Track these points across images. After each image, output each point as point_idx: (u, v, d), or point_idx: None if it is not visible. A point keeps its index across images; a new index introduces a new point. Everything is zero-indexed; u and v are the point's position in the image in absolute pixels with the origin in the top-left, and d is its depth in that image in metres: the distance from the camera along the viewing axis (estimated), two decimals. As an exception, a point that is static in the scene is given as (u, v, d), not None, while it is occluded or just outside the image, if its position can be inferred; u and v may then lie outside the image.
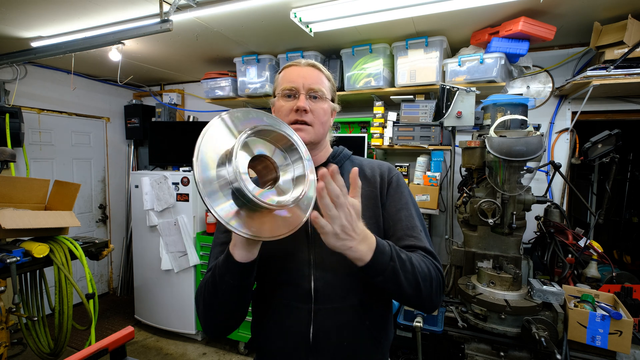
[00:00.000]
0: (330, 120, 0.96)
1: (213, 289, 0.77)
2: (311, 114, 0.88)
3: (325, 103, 0.91)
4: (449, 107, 2.02)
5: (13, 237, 1.94)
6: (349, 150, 1.04)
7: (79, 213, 3.65)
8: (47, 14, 2.09)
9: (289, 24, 2.08)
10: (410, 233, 0.87)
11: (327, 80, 0.93)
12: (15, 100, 3.05)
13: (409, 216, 0.90)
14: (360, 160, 1.02)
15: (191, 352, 2.93)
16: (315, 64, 0.93)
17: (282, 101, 0.90)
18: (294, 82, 0.88)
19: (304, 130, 0.88)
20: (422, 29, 2.21)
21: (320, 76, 0.91)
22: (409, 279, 0.74)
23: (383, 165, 0.98)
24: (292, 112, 0.88)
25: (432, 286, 0.78)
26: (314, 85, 0.88)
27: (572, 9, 1.88)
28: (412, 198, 0.95)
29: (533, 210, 1.84)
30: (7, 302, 1.99)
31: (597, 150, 1.90)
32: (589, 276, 1.76)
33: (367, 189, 0.92)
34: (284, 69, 0.93)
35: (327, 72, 0.95)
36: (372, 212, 0.90)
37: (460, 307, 1.68)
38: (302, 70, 0.90)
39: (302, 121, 0.87)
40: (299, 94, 0.88)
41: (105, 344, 0.91)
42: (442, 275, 0.84)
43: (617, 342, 1.39)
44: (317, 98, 0.89)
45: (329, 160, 0.97)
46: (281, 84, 0.91)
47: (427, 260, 0.82)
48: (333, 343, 0.85)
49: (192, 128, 3.41)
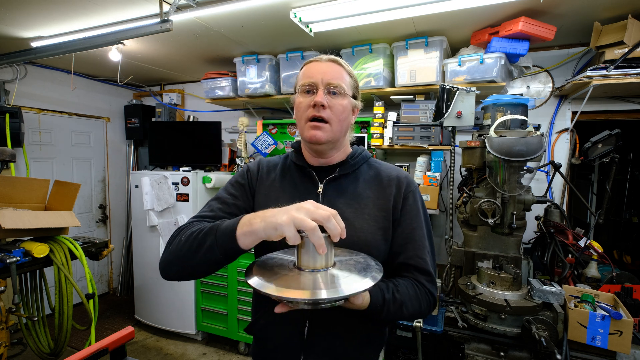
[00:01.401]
0: (350, 118, 0.93)
1: (196, 247, 0.76)
2: (329, 110, 0.85)
3: (344, 99, 0.88)
4: (449, 107, 2.02)
5: (13, 237, 1.94)
6: (368, 152, 1.01)
7: (79, 213, 3.65)
8: (47, 14, 2.09)
9: (289, 24, 2.08)
10: (420, 254, 0.88)
11: (348, 75, 0.90)
12: (15, 100, 3.05)
13: (421, 236, 0.90)
14: (379, 164, 0.99)
15: (191, 352, 2.93)
16: (337, 59, 0.90)
17: (301, 97, 0.88)
18: (312, 77, 0.86)
19: (321, 129, 0.85)
20: (422, 29, 2.21)
21: (340, 71, 0.88)
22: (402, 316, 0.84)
23: (401, 175, 0.94)
24: (310, 107, 0.86)
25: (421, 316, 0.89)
26: (333, 80, 0.86)
27: (572, 9, 1.88)
28: (425, 214, 0.94)
29: (533, 210, 1.84)
30: (7, 302, 1.99)
31: (597, 150, 1.90)
32: (589, 276, 1.76)
33: (380, 200, 0.90)
34: (305, 65, 0.91)
35: (349, 67, 0.92)
36: (382, 225, 0.89)
37: (460, 307, 1.68)
38: (322, 65, 0.88)
39: (320, 117, 0.85)
40: (317, 89, 0.85)
41: (105, 344, 0.91)
42: (434, 301, 0.90)
43: (617, 342, 1.39)
44: (336, 94, 0.86)
45: (347, 160, 0.95)
46: (301, 79, 0.89)
47: (422, 293, 0.86)
48: (326, 342, 0.86)
49: (192, 128, 3.41)
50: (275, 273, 0.70)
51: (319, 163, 0.95)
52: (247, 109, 3.44)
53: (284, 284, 0.65)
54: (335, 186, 0.92)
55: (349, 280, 0.67)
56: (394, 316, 0.82)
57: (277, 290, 0.62)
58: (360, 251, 0.83)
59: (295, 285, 0.64)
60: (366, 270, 0.71)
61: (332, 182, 0.92)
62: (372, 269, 0.71)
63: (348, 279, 0.67)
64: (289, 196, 0.90)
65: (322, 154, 0.93)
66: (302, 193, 0.91)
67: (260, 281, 0.66)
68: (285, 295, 0.61)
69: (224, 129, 3.56)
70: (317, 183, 0.92)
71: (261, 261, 0.77)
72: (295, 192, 0.92)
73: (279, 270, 0.72)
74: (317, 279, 0.67)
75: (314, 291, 0.62)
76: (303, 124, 0.88)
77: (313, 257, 0.69)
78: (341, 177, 0.93)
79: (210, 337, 3.15)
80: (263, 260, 0.78)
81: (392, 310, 0.80)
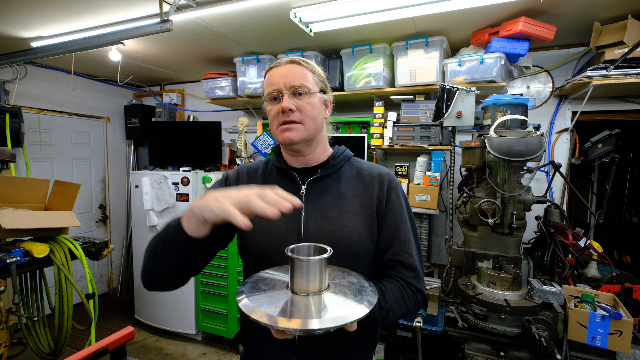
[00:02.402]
0: (323, 112, 0.92)
1: (161, 247, 0.78)
2: (298, 112, 0.86)
3: (312, 97, 0.88)
4: (449, 107, 2.02)
5: (13, 237, 1.94)
6: (350, 152, 1.01)
7: (79, 213, 3.65)
8: (47, 14, 2.09)
9: (289, 24, 2.08)
10: (405, 249, 0.89)
11: (311, 73, 0.89)
12: (15, 100, 3.05)
13: (406, 231, 0.91)
14: (360, 163, 0.99)
15: (191, 352, 2.93)
16: (296, 59, 0.89)
17: (269, 105, 0.89)
18: (275, 84, 0.86)
19: (294, 129, 0.86)
20: (422, 29, 2.21)
21: (302, 71, 0.88)
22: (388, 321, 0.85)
23: (382, 172, 0.95)
24: (279, 114, 0.86)
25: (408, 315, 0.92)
26: (296, 82, 0.85)
27: (572, 9, 1.88)
28: (409, 210, 0.95)
29: (533, 210, 1.84)
30: (7, 302, 2.00)
31: (597, 150, 1.90)
32: (589, 276, 1.76)
33: (364, 198, 0.91)
34: (267, 72, 0.91)
35: (311, 64, 0.91)
36: (367, 222, 0.89)
37: (460, 307, 1.68)
38: (282, 69, 0.87)
39: (290, 121, 0.85)
40: (282, 94, 0.86)
41: (105, 344, 0.91)
42: (423, 299, 0.91)
43: (617, 342, 1.39)
44: (302, 94, 0.86)
45: (329, 161, 0.95)
46: (265, 87, 0.89)
47: (408, 294, 0.87)
48: (317, 343, 0.86)
49: (192, 128, 3.41)
50: (267, 296, 0.68)
51: (300, 164, 0.95)
52: (247, 109, 3.44)
53: (277, 309, 0.63)
54: (318, 187, 0.92)
55: (344, 306, 0.65)
56: (381, 322, 0.84)
57: (269, 319, 0.60)
58: (346, 250, 0.84)
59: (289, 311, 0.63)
60: (361, 293, 0.69)
61: (314, 182, 0.92)
62: (366, 291, 0.70)
63: (343, 305, 0.65)
64: None
65: (300, 152, 0.93)
66: None
67: (251, 305, 0.64)
68: (279, 325, 0.59)
69: (224, 129, 3.56)
70: (299, 184, 0.92)
71: (252, 281, 0.75)
72: None
73: (272, 293, 0.69)
74: (310, 305, 0.64)
75: (307, 320, 0.60)
76: (275, 129, 0.89)
77: (306, 280, 0.67)
78: (323, 178, 0.93)
79: (210, 337, 3.15)
80: (255, 281, 0.75)
81: (378, 319, 0.82)
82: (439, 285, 1.80)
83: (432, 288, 1.77)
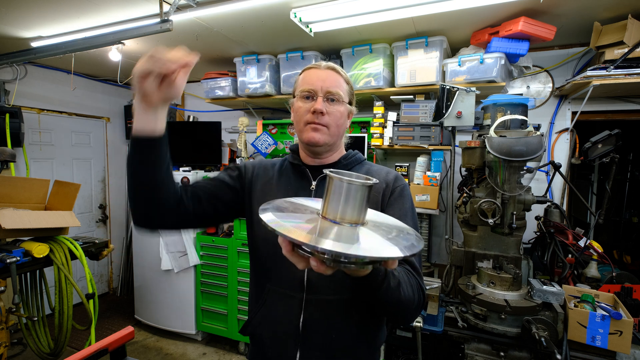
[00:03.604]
0: (346, 122, 0.97)
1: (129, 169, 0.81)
2: (327, 116, 0.90)
3: (342, 106, 0.93)
4: (449, 107, 2.02)
5: (13, 237, 1.94)
6: (362, 155, 1.05)
7: (79, 213, 3.65)
8: (47, 14, 2.09)
9: (289, 24, 2.08)
10: None
11: (345, 83, 0.95)
12: (15, 100, 3.05)
13: None
14: (370, 165, 1.03)
15: (191, 352, 2.93)
16: (335, 67, 0.94)
17: (300, 102, 0.93)
18: (312, 85, 0.91)
19: (320, 131, 0.90)
20: (422, 29, 2.21)
21: (338, 79, 0.93)
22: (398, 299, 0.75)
23: (390, 173, 0.98)
24: (309, 113, 0.90)
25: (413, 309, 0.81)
26: (332, 88, 0.90)
27: (572, 9, 1.88)
28: (412, 209, 0.94)
29: (533, 210, 1.84)
30: (7, 302, 2.00)
31: (597, 150, 1.90)
32: (589, 276, 1.76)
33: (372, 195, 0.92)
34: (304, 71, 0.96)
35: (346, 75, 0.97)
36: None
37: (460, 307, 1.68)
38: (321, 73, 0.92)
39: (319, 123, 0.90)
40: (317, 97, 0.90)
41: (105, 344, 0.91)
42: (424, 296, 0.87)
43: (617, 342, 1.39)
44: (334, 101, 0.91)
45: (340, 161, 0.99)
46: (300, 85, 0.94)
47: (414, 282, 0.82)
48: (321, 334, 0.87)
49: (192, 128, 3.40)
50: (296, 217, 0.61)
51: (314, 162, 0.99)
52: (247, 109, 3.44)
53: (298, 226, 0.56)
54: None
55: (380, 245, 0.55)
56: (392, 295, 0.75)
57: (286, 230, 0.52)
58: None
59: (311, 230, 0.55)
60: (403, 237, 0.59)
61: (324, 179, 0.95)
62: (411, 237, 0.60)
63: (375, 241, 0.56)
64: (283, 191, 0.95)
65: (319, 155, 0.97)
66: (296, 189, 0.95)
67: (278, 221, 0.56)
68: (293, 236, 0.51)
69: (224, 129, 3.56)
70: (310, 180, 0.96)
71: (276, 205, 0.66)
72: (289, 188, 0.96)
73: (301, 215, 0.62)
74: (342, 233, 0.55)
75: (326, 240, 0.51)
76: (302, 126, 0.93)
77: (344, 207, 0.57)
78: None
79: (210, 337, 3.15)
80: (278, 205, 0.66)
81: (392, 286, 0.74)
82: (439, 285, 1.80)
83: (432, 288, 1.77)
